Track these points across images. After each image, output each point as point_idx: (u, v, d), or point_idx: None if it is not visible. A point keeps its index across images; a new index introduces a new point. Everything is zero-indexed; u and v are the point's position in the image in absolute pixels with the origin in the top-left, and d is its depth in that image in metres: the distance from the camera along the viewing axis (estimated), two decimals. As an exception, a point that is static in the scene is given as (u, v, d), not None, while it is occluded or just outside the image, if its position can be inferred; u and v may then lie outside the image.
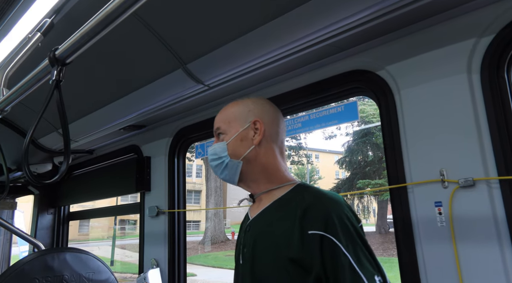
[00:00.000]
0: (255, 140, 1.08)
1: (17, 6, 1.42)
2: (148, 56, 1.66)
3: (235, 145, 1.09)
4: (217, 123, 1.16)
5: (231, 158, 1.09)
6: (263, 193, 1.10)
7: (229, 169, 1.09)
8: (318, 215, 0.90)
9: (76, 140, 2.52)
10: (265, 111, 1.13)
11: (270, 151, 1.11)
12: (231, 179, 1.11)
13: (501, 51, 1.10)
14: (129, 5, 0.81)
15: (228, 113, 1.15)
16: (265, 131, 1.09)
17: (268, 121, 1.12)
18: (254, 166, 1.09)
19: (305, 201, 0.95)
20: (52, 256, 1.82)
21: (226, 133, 1.12)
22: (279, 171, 1.10)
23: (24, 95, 1.23)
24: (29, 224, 3.35)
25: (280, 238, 0.95)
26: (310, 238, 0.88)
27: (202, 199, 30.19)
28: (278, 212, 1.02)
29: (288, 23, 1.26)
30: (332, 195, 0.96)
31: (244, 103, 1.15)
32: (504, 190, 1.05)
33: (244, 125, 1.10)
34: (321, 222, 0.89)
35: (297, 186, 1.06)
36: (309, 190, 1.01)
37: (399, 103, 1.29)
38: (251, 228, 1.07)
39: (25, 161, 1.03)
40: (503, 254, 1.03)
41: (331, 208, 0.91)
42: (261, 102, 1.16)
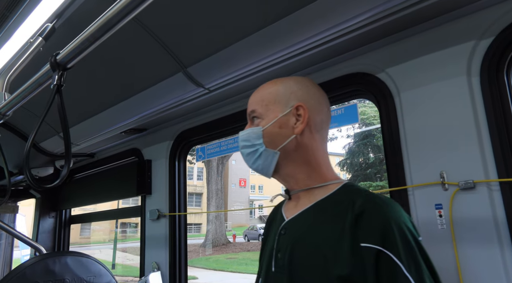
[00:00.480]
0: (296, 129, 0.92)
1: (19, 11, 1.43)
2: (148, 60, 1.67)
3: (272, 132, 0.93)
4: (252, 104, 0.99)
5: (267, 147, 0.94)
6: (302, 191, 0.95)
7: (263, 159, 0.94)
8: (374, 224, 0.76)
9: (77, 144, 2.53)
10: (310, 95, 0.96)
11: (313, 142, 0.95)
12: (265, 170, 0.96)
13: (501, 53, 1.10)
14: (130, 10, 0.82)
15: (266, 94, 0.97)
16: (309, 119, 0.93)
17: (313, 106, 0.95)
18: (293, 158, 0.94)
19: (357, 205, 0.81)
20: (54, 260, 1.82)
21: (262, 118, 0.96)
22: (322, 167, 0.95)
23: (25, 99, 1.24)
24: (30, 228, 3.36)
25: (325, 248, 0.80)
26: (363, 252, 0.75)
27: (203, 201, 30.18)
28: (323, 216, 0.87)
29: (287, 27, 1.27)
30: (389, 200, 0.82)
31: (286, 83, 0.98)
32: (505, 192, 1.05)
33: (284, 110, 0.94)
34: (378, 234, 0.74)
35: (344, 186, 0.91)
36: (361, 192, 0.86)
37: (399, 106, 1.29)
38: (288, 231, 0.92)
39: (27, 165, 1.03)
40: (504, 256, 1.03)
41: (390, 216, 0.76)
42: (306, 83, 0.98)
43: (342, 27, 1.19)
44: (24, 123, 2.53)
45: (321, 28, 1.22)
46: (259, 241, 21.93)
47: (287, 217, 0.96)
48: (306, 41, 1.28)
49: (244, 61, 1.46)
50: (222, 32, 1.41)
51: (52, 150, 2.73)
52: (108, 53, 1.69)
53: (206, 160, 16.87)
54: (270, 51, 1.37)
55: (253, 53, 1.42)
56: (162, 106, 1.88)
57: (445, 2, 1.08)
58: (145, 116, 2.02)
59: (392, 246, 0.73)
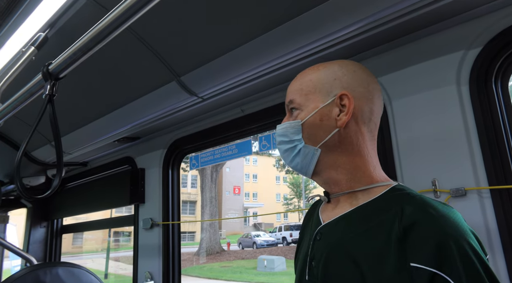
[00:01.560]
0: (339, 122, 0.80)
1: (12, 20, 1.43)
2: (142, 69, 1.67)
3: (313, 126, 0.81)
4: (290, 94, 0.87)
5: (306, 143, 0.82)
6: (344, 194, 0.82)
7: (301, 156, 0.83)
8: (428, 240, 0.62)
9: (70, 153, 2.51)
10: (357, 81, 0.82)
11: (360, 135, 0.81)
12: (304, 169, 0.84)
13: (489, 63, 1.12)
14: (123, 21, 0.83)
15: (306, 80, 0.85)
16: (354, 109, 0.80)
17: (359, 95, 0.81)
18: (335, 156, 0.81)
19: (406, 214, 0.67)
20: (44, 271, 1.80)
21: (301, 109, 0.83)
22: (368, 166, 0.81)
23: (17, 109, 1.23)
24: (21, 238, 3.31)
25: (364, 263, 0.68)
26: (413, 273, 0.61)
27: (197, 209, 29.99)
28: (364, 224, 0.74)
29: (280, 36, 1.28)
30: (447, 209, 0.67)
31: (329, 68, 0.84)
32: (495, 199, 1.06)
33: (326, 99, 0.81)
34: (433, 252, 0.60)
35: (393, 190, 0.77)
36: (413, 198, 0.71)
37: (391, 114, 1.31)
38: (323, 237, 0.81)
39: (18, 175, 1.03)
40: (495, 263, 1.04)
41: (449, 230, 0.62)
42: (353, 68, 0.84)
43: (334, 37, 1.21)
44: (16, 132, 2.51)
45: (313, 37, 1.24)
46: (253, 249, 21.80)
47: (323, 221, 0.85)
48: (299, 50, 1.29)
49: (237, 70, 1.47)
50: (215, 42, 1.42)
51: (44, 159, 2.71)
52: (101, 62, 1.69)
53: (200, 168, 16.84)
54: (263, 60, 1.38)
55: (245, 62, 1.43)
56: (156, 115, 1.88)
57: (434, 13, 1.10)
58: (138, 125, 2.01)
59: (451, 269, 0.59)
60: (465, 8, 1.10)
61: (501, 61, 1.12)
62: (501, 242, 1.04)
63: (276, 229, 25.88)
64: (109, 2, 1.30)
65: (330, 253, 0.76)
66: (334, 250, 0.76)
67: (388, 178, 0.83)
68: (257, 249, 21.31)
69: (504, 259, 1.03)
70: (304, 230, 0.96)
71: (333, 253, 0.76)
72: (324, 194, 0.88)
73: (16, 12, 1.39)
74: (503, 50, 1.11)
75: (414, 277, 0.61)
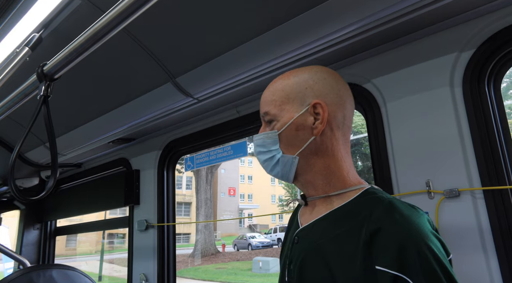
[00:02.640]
0: (315, 130, 0.82)
1: (5, 20, 1.42)
2: (137, 70, 1.67)
3: (289, 135, 0.84)
4: (264, 105, 0.88)
5: (284, 153, 0.85)
6: (320, 198, 0.86)
7: (281, 165, 0.85)
8: (390, 245, 0.65)
9: (64, 154, 2.49)
10: (328, 88, 0.84)
11: (334, 141, 0.84)
12: (285, 177, 0.87)
13: (481, 65, 1.14)
14: (118, 22, 0.83)
15: (279, 91, 0.86)
16: (329, 116, 0.82)
17: (332, 102, 0.83)
18: (313, 162, 0.84)
19: (374, 218, 0.70)
20: (38, 273, 1.78)
21: (277, 120, 0.85)
22: (343, 170, 0.84)
23: (11, 110, 1.22)
24: (14, 240, 3.27)
25: (336, 264, 0.72)
26: (377, 276, 0.65)
27: (192, 211, 29.90)
28: (337, 227, 0.77)
29: (275, 38, 1.29)
30: (412, 213, 0.69)
31: (300, 76, 0.86)
32: (488, 200, 1.08)
33: (300, 109, 0.83)
34: (395, 256, 0.64)
35: (365, 193, 0.80)
36: (381, 202, 0.74)
37: (386, 116, 1.32)
38: (300, 241, 0.85)
39: (11, 177, 1.02)
40: (488, 263, 1.05)
41: (411, 235, 0.65)
42: (323, 75, 0.86)
43: (329, 39, 1.22)
44: (9, 133, 2.49)
45: (308, 39, 1.24)
46: (248, 250, 21.77)
47: (301, 224, 0.88)
48: (294, 52, 1.30)
49: (232, 72, 1.47)
50: (211, 43, 1.42)
51: (38, 160, 2.69)
52: (96, 63, 1.69)
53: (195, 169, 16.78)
54: (258, 61, 1.39)
55: (241, 63, 1.43)
56: (151, 116, 1.88)
57: (428, 15, 1.11)
58: (133, 126, 2.01)
59: (412, 272, 0.62)
60: (458, 10, 1.11)
61: (494, 63, 1.13)
62: (494, 242, 1.05)
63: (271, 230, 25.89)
64: (104, 3, 1.30)
65: (305, 256, 0.80)
66: (309, 254, 0.80)
67: (361, 181, 0.86)
68: (252, 251, 21.29)
69: (496, 258, 1.04)
70: (288, 233, 0.99)
71: (308, 256, 0.80)
72: (302, 197, 0.92)
73: (10, 12, 1.38)
74: (496, 52, 1.12)
75: (379, 279, 0.65)
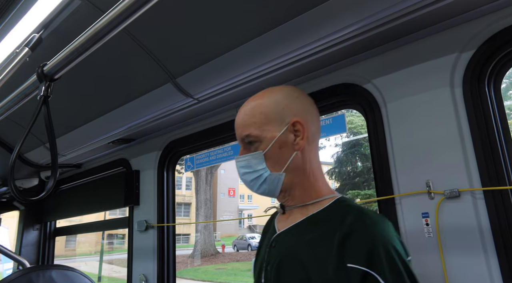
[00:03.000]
0: (297, 146, 0.89)
1: (5, 20, 1.42)
2: (137, 70, 1.67)
3: (274, 154, 0.89)
4: (244, 129, 0.92)
5: (272, 171, 0.89)
6: (297, 207, 0.93)
7: (268, 183, 0.90)
8: (361, 245, 0.74)
9: (64, 155, 2.49)
10: (302, 106, 0.92)
11: (311, 153, 0.92)
12: (272, 193, 0.93)
13: (481, 65, 1.14)
14: (118, 23, 0.83)
15: (257, 114, 0.91)
16: (308, 133, 0.90)
17: (306, 118, 0.91)
18: (294, 176, 0.91)
19: (346, 224, 0.79)
20: (37, 274, 1.78)
21: (260, 141, 0.90)
22: (318, 181, 0.93)
23: (11, 110, 1.22)
24: (14, 241, 3.27)
25: (312, 265, 0.79)
26: (349, 272, 0.73)
27: (191, 211, 29.88)
28: (311, 232, 0.85)
29: (276, 38, 1.29)
30: (379, 220, 0.80)
31: (274, 98, 0.91)
32: (488, 200, 1.08)
33: (281, 128, 0.89)
34: (365, 255, 0.73)
35: (337, 202, 0.89)
36: (352, 209, 0.84)
37: (386, 116, 1.31)
38: (277, 244, 0.91)
39: (11, 178, 1.02)
40: (489, 263, 1.05)
41: (379, 237, 0.75)
42: (295, 94, 0.93)
43: (330, 39, 1.22)
44: (9, 134, 2.48)
45: (309, 39, 1.24)
46: (248, 251, 21.75)
47: (278, 229, 0.94)
48: (295, 52, 1.30)
49: (232, 72, 1.47)
50: (211, 43, 1.42)
51: (38, 161, 2.68)
52: (96, 63, 1.68)
53: (195, 170, 16.77)
54: (259, 62, 1.38)
55: (241, 64, 1.43)
56: (151, 117, 1.87)
57: (428, 15, 1.11)
58: (133, 127, 2.01)
59: (378, 267, 0.72)
60: (458, 11, 1.11)
61: (494, 63, 1.14)
62: (494, 242, 1.05)
63: (271, 231, 25.78)
64: (104, 4, 1.30)
65: (282, 259, 0.87)
66: (286, 256, 0.87)
67: (333, 191, 0.94)
68: (252, 251, 21.27)
69: (497, 258, 1.04)
70: (263, 238, 1.05)
71: (285, 258, 0.87)
72: (280, 206, 0.99)
73: (10, 12, 1.38)
74: (496, 53, 1.12)
75: (350, 275, 0.73)
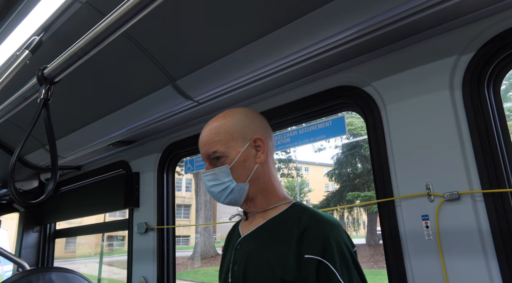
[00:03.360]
0: (258, 159, 1.03)
1: (6, 23, 1.42)
2: (137, 73, 1.67)
3: (239, 167, 1.02)
4: (211, 146, 1.03)
5: (238, 182, 1.02)
6: (259, 213, 1.05)
7: (235, 193, 1.02)
8: (316, 238, 0.89)
9: (64, 157, 2.49)
10: (260, 125, 1.08)
11: (269, 166, 1.07)
12: (237, 202, 1.04)
13: (481, 68, 1.14)
14: (119, 26, 0.83)
15: (223, 133, 1.03)
16: (266, 148, 1.05)
17: (265, 135, 1.06)
18: (256, 185, 1.04)
19: (302, 222, 0.92)
20: (37, 276, 1.77)
21: (226, 156, 1.02)
22: (276, 189, 1.07)
23: (11, 113, 1.22)
24: (13, 243, 3.26)
25: (275, 259, 0.91)
26: (306, 262, 0.87)
27: (191, 213, 29.84)
28: (273, 232, 0.98)
29: (277, 40, 1.29)
30: (330, 218, 0.94)
31: (237, 118, 1.06)
32: (488, 203, 1.08)
33: (244, 144, 1.03)
34: (319, 247, 0.87)
35: (293, 206, 1.03)
36: (306, 211, 0.98)
37: (385, 119, 1.32)
38: (242, 246, 1.03)
39: (11, 180, 1.01)
40: (489, 265, 1.05)
41: (330, 232, 0.90)
42: (252, 114, 1.09)
43: (330, 42, 1.22)
44: (9, 136, 2.48)
45: (309, 42, 1.24)
46: (248, 252, 21.61)
47: (243, 234, 1.06)
48: (294, 55, 1.30)
49: (233, 74, 1.47)
50: (211, 46, 1.43)
51: (37, 163, 2.68)
52: (96, 66, 1.69)
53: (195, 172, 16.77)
54: (258, 64, 1.39)
55: (241, 66, 1.43)
56: (151, 119, 1.88)
57: (428, 19, 1.11)
58: (133, 129, 2.01)
59: (330, 256, 0.86)
60: (457, 14, 1.12)
61: (493, 66, 1.14)
62: (494, 245, 1.05)
63: (270, 232, 25.71)
64: (104, 7, 1.30)
65: (248, 257, 0.98)
66: (252, 255, 0.98)
67: (288, 197, 1.08)
68: (252, 253, 21.15)
69: (497, 261, 1.04)
70: (228, 243, 1.15)
71: (250, 257, 0.98)
72: (244, 213, 1.10)
73: (10, 15, 1.38)
74: (495, 55, 1.13)
75: (307, 265, 0.86)
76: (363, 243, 20.37)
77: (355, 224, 25.37)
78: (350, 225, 25.56)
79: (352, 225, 25.29)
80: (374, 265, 14.59)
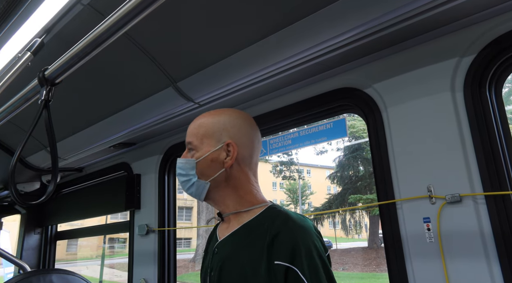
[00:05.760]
0: (226, 164, 1.02)
1: (8, 25, 1.43)
2: (139, 74, 1.67)
3: (204, 164, 1.02)
4: (189, 136, 1.07)
5: (199, 178, 1.03)
6: (231, 214, 1.05)
7: (195, 187, 1.04)
8: (285, 244, 0.87)
9: (65, 158, 2.49)
10: (241, 133, 1.06)
11: (242, 173, 1.05)
12: (197, 196, 1.05)
13: (482, 70, 1.14)
14: (120, 27, 0.83)
15: (202, 127, 1.06)
16: (238, 155, 1.03)
17: (242, 143, 1.04)
18: (223, 188, 1.04)
19: (274, 227, 0.91)
20: (38, 278, 1.77)
21: (197, 150, 1.04)
22: (250, 193, 1.05)
23: (12, 114, 1.22)
24: (15, 245, 3.27)
25: (247, 266, 0.91)
26: (276, 268, 0.86)
27: (193, 216, 29.81)
28: (247, 237, 0.97)
29: (277, 42, 1.29)
30: (302, 221, 0.93)
31: (221, 119, 1.06)
32: (490, 205, 1.07)
33: (216, 145, 1.03)
34: (288, 253, 0.86)
35: (268, 209, 1.01)
36: (279, 214, 0.96)
37: (387, 121, 1.31)
38: (219, 251, 1.03)
39: (12, 181, 1.02)
40: (490, 268, 1.04)
41: (300, 237, 0.88)
42: (238, 121, 1.07)
43: (331, 43, 1.22)
44: (10, 137, 2.49)
45: (310, 43, 1.24)
46: (250, 255, 21.59)
47: (220, 238, 1.07)
48: (295, 57, 1.30)
49: (234, 76, 1.47)
50: (212, 48, 1.43)
51: (39, 165, 2.69)
52: (97, 67, 1.69)
53: (196, 173, 16.67)
54: (260, 66, 1.39)
55: (242, 68, 1.43)
56: (152, 121, 1.88)
57: (429, 20, 1.11)
58: (134, 131, 2.01)
59: (298, 262, 0.84)
60: (459, 16, 1.11)
61: (495, 68, 1.13)
62: (496, 248, 1.04)
63: (272, 235, 25.64)
64: (105, 8, 1.31)
65: (223, 263, 0.98)
66: (226, 261, 0.98)
67: (266, 200, 1.07)
68: (253, 255, 21.13)
69: (499, 264, 1.04)
70: (208, 247, 1.15)
71: (225, 262, 0.98)
72: (218, 214, 1.10)
73: (12, 17, 1.39)
74: (496, 57, 1.12)
75: (276, 271, 0.85)
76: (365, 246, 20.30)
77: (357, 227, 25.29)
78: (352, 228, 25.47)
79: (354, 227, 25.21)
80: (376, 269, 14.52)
